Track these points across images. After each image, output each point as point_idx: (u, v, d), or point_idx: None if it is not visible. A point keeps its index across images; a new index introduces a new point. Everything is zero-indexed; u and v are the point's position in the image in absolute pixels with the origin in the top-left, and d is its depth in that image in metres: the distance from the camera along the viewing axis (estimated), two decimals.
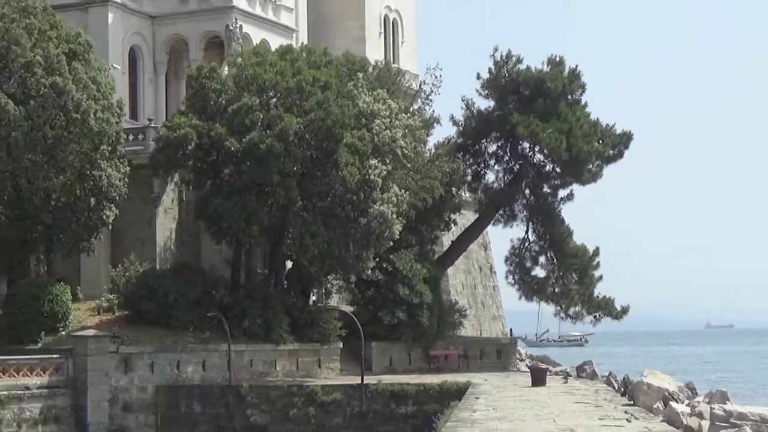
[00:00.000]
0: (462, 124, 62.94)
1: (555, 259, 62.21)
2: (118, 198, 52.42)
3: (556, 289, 62.41)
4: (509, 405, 38.35)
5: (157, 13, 66.11)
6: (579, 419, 33.32)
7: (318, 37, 71.28)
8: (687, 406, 48.78)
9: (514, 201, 62.98)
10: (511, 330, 76.64)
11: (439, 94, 64.08)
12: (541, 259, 62.86)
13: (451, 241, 66.89)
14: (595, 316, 63.23)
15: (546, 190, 62.86)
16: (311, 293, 59.23)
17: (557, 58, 61.77)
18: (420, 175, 57.25)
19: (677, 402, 48.34)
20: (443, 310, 61.11)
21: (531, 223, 63.10)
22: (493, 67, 61.70)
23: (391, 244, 54.10)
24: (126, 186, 52.54)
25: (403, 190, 54.02)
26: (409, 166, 55.97)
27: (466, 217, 67.10)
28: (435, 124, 63.20)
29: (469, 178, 62.87)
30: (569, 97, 61.48)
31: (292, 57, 54.58)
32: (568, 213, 72.85)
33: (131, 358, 49.06)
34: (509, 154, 62.69)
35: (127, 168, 52.92)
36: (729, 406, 46.26)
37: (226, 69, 56.17)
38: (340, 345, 55.72)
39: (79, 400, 47.36)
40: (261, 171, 50.65)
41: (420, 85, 67.42)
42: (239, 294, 53.80)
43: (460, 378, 50.60)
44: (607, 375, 62.35)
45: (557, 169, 61.73)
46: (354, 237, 52.63)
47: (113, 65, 60.05)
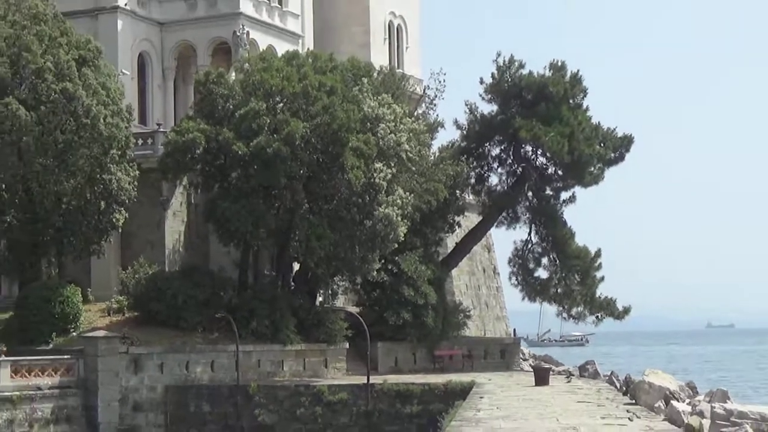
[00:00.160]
0: (465, 128, 63.26)
1: (557, 261, 62.44)
2: (127, 201, 52.89)
3: (559, 290, 62.62)
4: (513, 404, 38.55)
5: (166, 20, 66.31)
6: (582, 418, 33.53)
7: (324, 42, 71.62)
8: (688, 405, 49.00)
9: (517, 203, 63.24)
10: (514, 330, 76.83)
11: (442, 99, 64.60)
12: (544, 260, 63.14)
13: (455, 243, 67.04)
14: (597, 317, 63.51)
15: (548, 192, 63.16)
16: (318, 294, 59.59)
17: (559, 63, 62.15)
18: (424, 178, 57.53)
19: (678, 401, 48.56)
20: (448, 311, 61.45)
21: (534, 225, 63.31)
22: (495, 72, 62.05)
23: (396, 246, 54.43)
24: (135, 189, 53.00)
25: (407, 193, 54.36)
26: (414, 169, 56.33)
27: (469, 220, 67.48)
28: (439, 128, 63.62)
29: (472, 181, 63.14)
30: (571, 101, 61.80)
31: (298, 62, 54.94)
32: (570, 215, 72.92)
33: (141, 358, 49.36)
34: (512, 158, 62.96)
35: (137, 172, 53.38)
36: (730, 405, 46.39)
37: (234, 74, 56.29)
38: (347, 345, 56.04)
39: (90, 400, 47.68)
40: (268, 174, 50.99)
41: (424, 90, 67.88)
42: (247, 295, 54.08)
43: (465, 378, 50.82)
44: (608, 374, 62.56)
45: (559, 172, 62.05)
46: (360, 239, 52.95)
47: (122, 71, 60.38)
